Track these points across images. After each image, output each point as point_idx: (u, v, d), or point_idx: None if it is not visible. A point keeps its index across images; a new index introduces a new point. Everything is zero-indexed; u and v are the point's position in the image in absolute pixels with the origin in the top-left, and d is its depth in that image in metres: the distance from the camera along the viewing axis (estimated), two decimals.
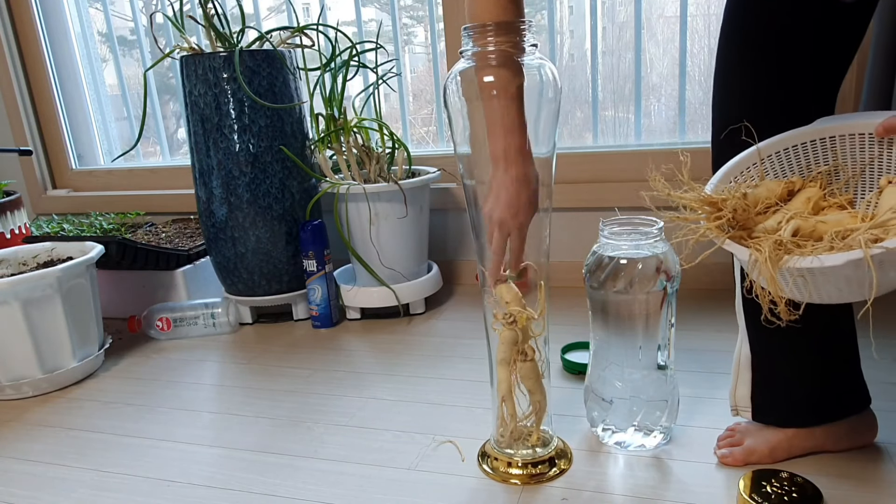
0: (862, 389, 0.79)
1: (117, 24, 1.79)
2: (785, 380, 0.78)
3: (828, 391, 0.78)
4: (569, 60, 1.50)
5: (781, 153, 0.69)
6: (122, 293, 1.46)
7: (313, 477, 0.84)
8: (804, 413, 0.79)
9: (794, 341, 0.75)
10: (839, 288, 0.56)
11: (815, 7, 0.68)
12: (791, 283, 0.58)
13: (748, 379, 0.81)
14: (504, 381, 0.78)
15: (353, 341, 1.28)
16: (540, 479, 0.79)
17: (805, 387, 0.78)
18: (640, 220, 0.80)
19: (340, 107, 1.32)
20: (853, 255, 0.53)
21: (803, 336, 0.73)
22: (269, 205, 1.31)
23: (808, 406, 0.78)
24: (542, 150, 0.75)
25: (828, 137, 0.67)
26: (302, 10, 1.64)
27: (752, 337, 0.80)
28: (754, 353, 0.80)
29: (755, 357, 0.80)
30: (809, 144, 0.68)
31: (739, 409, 0.82)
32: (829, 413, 0.78)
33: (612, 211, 0.76)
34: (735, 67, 0.74)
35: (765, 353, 0.79)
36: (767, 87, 0.72)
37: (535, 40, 0.73)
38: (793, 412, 0.79)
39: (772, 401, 0.80)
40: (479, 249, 0.79)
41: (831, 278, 0.55)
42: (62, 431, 1.00)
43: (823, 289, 0.57)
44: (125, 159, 1.83)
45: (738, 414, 0.83)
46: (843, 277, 0.55)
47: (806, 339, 0.75)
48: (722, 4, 0.75)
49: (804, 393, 0.78)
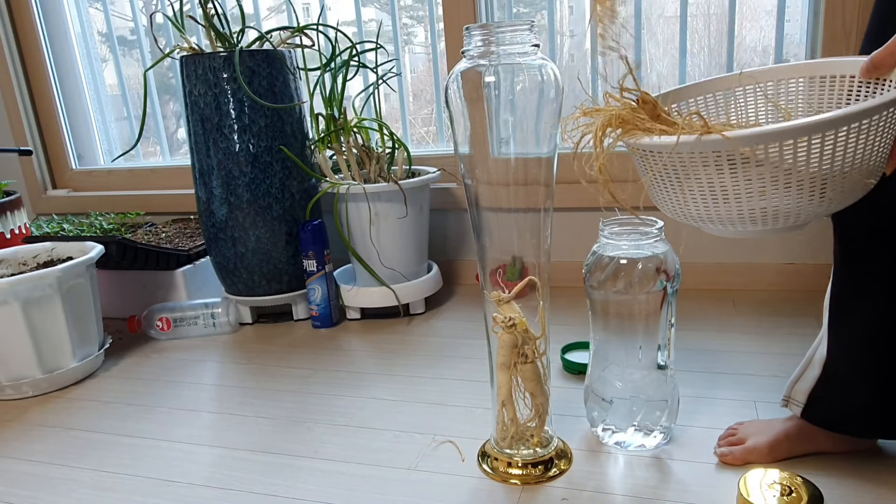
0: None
1: (117, 24, 1.79)
2: (852, 389, 0.76)
3: (889, 407, 0.75)
4: (569, 60, 1.50)
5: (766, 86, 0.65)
6: (122, 293, 1.46)
7: (313, 477, 0.84)
8: (856, 424, 0.76)
9: (878, 356, 0.73)
10: (693, 193, 0.52)
11: None
12: (648, 178, 0.55)
13: (814, 377, 0.78)
14: (504, 386, 0.78)
15: (353, 341, 1.28)
16: (540, 479, 0.79)
17: (869, 401, 0.75)
18: (640, 219, 0.80)
19: (340, 107, 1.32)
20: (687, 137, 0.49)
21: (884, 349, 0.72)
22: (269, 205, 1.31)
23: (863, 417, 0.76)
24: (543, 150, 0.75)
25: (818, 76, 0.63)
26: (302, 10, 1.64)
27: (832, 339, 0.77)
28: (830, 354, 0.77)
29: (830, 358, 0.77)
30: (798, 82, 0.64)
31: (792, 401, 0.80)
32: (881, 431, 0.77)
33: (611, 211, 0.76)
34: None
35: (842, 358, 0.77)
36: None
37: (537, 40, 0.73)
38: (846, 420, 0.77)
39: (829, 403, 0.77)
40: (480, 249, 0.79)
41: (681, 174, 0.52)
42: (62, 431, 1.00)
43: (678, 190, 0.53)
44: (125, 159, 1.83)
45: (787, 405, 0.81)
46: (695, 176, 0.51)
47: (885, 353, 0.73)
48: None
49: (866, 406, 0.75)
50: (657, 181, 0.57)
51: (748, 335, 1.16)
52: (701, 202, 0.55)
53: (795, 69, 0.66)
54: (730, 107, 0.68)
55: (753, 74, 0.68)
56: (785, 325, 1.19)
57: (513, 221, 0.78)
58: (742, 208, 0.53)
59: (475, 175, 0.76)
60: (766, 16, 1.34)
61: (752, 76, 0.68)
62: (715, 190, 0.53)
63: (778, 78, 0.67)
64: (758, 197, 0.52)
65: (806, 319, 1.20)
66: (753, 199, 0.52)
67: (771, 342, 1.13)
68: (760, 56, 1.36)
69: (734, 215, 0.54)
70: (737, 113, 0.69)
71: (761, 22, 1.35)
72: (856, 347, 0.75)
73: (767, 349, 1.10)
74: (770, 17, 1.33)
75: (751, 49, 1.36)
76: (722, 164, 0.51)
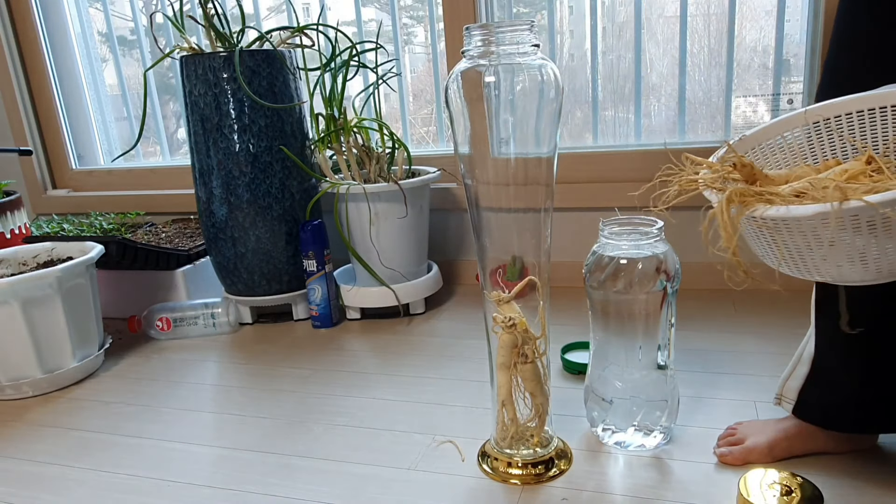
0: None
1: (117, 24, 1.79)
2: (840, 384, 0.76)
3: (879, 405, 0.75)
4: (569, 60, 1.50)
5: (832, 121, 0.59)
6: (122, 293, 1.46)
7: (313, 477, 0.84)
8: (846, 420, 0.77)
9: (860, 350, 0.74)
10: (825, 257, 0.48)
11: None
12: (766, 244, 0.50)
13: (803, 374, 0.79)
14: (504, 386, 0.78)
15: (353, 341, 1.28)
16: (540, 479, 0.79)
17: (857, 396, 0.75)
18: (640, 219, 0.80)
19: (340, 107, 1.32)
20: (822, 206, 0.45)
21: (871, 348, 0.72)
22: (269, 205, 1.31)
23: (853, 414, 0.76)
24: (543, 150, 0.75)
25: (889, 106, 0.57)
26: (302, 10, 1.64)
27: (819, 335, 0.78)
28: (818, 351, 0.78)
29: (818, 355, 0.78)
30: (867, 113, 0.58)
31: (784, 399, 0.81)
32: (872, 426, 0.77)
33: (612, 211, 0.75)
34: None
35: (828, 353, 0.77)
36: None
37: (537, 40, 0.73)
38: (836, 416, 0.77)
39: (818, 400, 0.78)
40: (480, 249, 0.79)
41: (812, 241, 0.48)
42: (62, 431, 1.00)
43: (808, 256, 0.50)
44: (125, 159, 1.83)
45: (779, 403, 0.82)
46: (829, 241, 0.47)
47: (873, 351, 0.73)
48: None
49: (855, 401, 0.76)
50: (778, 247, 0.52)
51: (748, 335, 1.16)
52: (834, 264, 0.51)
53: (862, 101, 0.60)
54: (802, 148, 0.63)
55: (818, 111, 0.62)
56: (785, 325, 1.19)
57: (513, 221, 0.78)
58: (871, 269, 0.49)
59: (475, 175, 0.76)
60: (766, 16, 1.34)
61: (817, 113, 0.62)
62: (852, 252, 0.49)
63: (846, 111, 0.61)
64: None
65: (805, 320, 1.18)
66: (893, 255, 0.48)
67: (771, 342, 1.13)
68: (760, 56, 1.36)
69: (859, 271, 0.50)
70: (812, 155, 0.63)
71: (761, 22, 1.35)
72: (841, 340, 0.75)
73: (767, 349, 1.10)
74: (770, 17, 1.33)
75: (751, 49, 1.36)
76: (860, 226, 0.47)
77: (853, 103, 0.59)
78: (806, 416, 0.79)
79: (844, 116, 0.60)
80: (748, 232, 0.55)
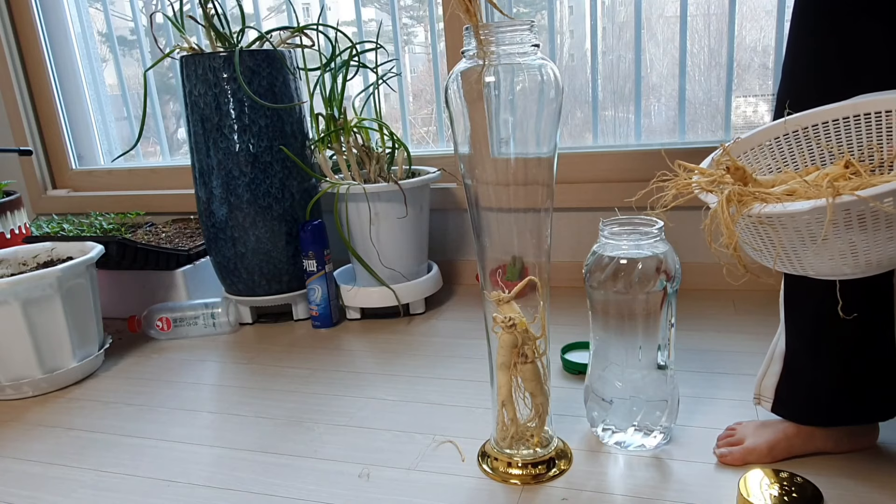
0: (892, 400, 0.76)
1: (117, 24, 1.79)
2: (812, 378, 0.77)
3: (853, 396, 0.76)
4: (569, 60, 1.50)
5: (810, 129, 0.64)
6: (122, 293, 1.46)
7: (313, 477, 0.84)
8: (823, 413, 0.78)
9: (829, 342, 0.75)
10: (818, 252, 0.51)
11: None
12: (761, 242, 0.53)
13: (777, 371, 0.80)
14: (504, 386, 0.78)
15: (353, 341, 1.28)
16: (540, 479, 0.79)
17: (831, 388, 0.76)
18: (640, 219, 0.80)
19: (340, 107, 1.32)
20: (817, 201, 0.48)
21: (840, 339, 0.73)
22: (269, 205, 1.31)
23: (828, 407, 0.77)
24: (543, 150, 0.75)
25: (862, 114, 0.62)
26: (302, 10, 1.64)
27: (788, 331, 0.79)
28: (788, 347, 0.79)
29: (788, 351, 0.79)
30: (842, 122, 0.63)
31: (762, 398, 0.82)
32: (848, 417, 0.77)
33: (611, 211, 0.76)
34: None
35: (799, 348, 0.78)
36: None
37: (537, 40, 0.73)
38: (812, 410, 0.78)
39: (794, 395, 0.79)
40: (479, 249, 0.79)
41: (806, 236, 0.51)
42: (62, 431, 1.00)
43: (802, 252, 0.52)
44: (125, 159, 1.83)
45: (759, 403, 0.82)
46: (822, 236, 0.51)
47: (842, 342, 0.74)
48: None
49: (829, 394, 0.77)
50: (773, 244, 0.55)
51: (748, 335, 1.16)
52: (827, 258, 0.54)
53: (840, 109, 0.64)
54: (784, 155, 0.67)
55: (798, 120, 0.66)
56: None
57: (513, 221, 0.78)
58: (861, 263, 0.52)
59: (475, 175, 0.76)
60: (766, 16, 1.34)
61: (797, 122, 0.66)
62: (844, 246, 0.52)
63: (822, 120, 0.65)
64: (885, 245, 0.51)
65: None
66: (881, 247, 0.51)
67: (770, 342, 1.12)
68: (760, 56, 1.36)
69: (850, 265, 0.53)
70: (793, 161, 0.67)
71: (761, 22, 1.35)
72: (811, 341, 0.76)
73: (767, 349, 1.10)
74: (770, 17, 1.33)
75: (751, 49, 1.36)
76: (851, 221, 0.50)
77: (829, 113, 0.64)
78: (784, 412, 0.80)
79: (822, 125, 0.64)
80: (744, 232, 0.58)
